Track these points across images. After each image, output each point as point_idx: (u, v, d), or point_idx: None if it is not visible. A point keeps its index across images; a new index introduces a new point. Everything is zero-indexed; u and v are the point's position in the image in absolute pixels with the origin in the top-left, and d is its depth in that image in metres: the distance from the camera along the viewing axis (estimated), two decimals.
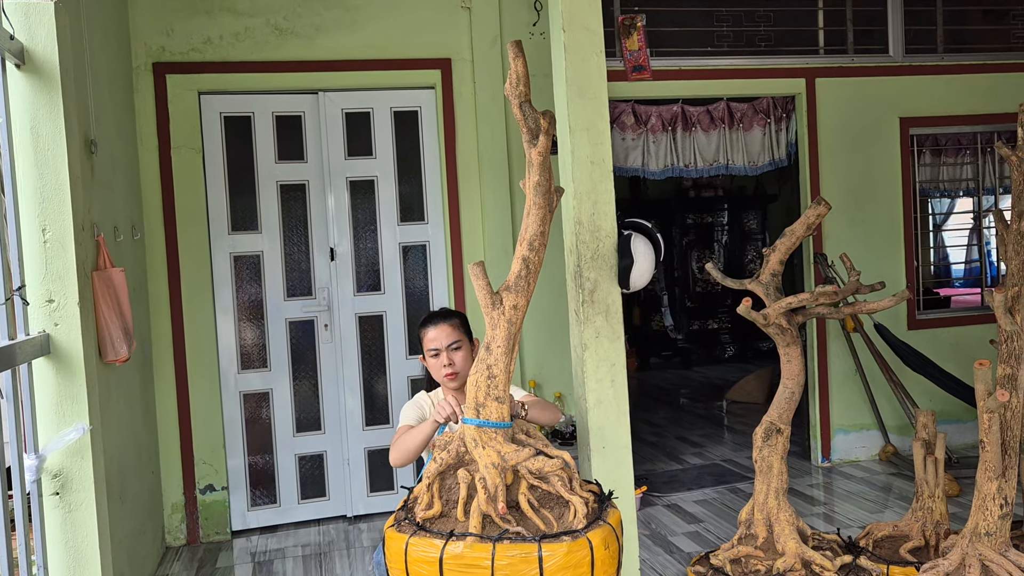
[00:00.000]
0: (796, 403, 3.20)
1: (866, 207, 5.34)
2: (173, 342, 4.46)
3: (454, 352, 2.81)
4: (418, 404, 2.89)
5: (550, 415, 2.72)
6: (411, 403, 2.91)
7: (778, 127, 5.32)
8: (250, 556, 4.29)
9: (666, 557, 3.95)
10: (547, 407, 2.73)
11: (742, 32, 5.20)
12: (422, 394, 2.97)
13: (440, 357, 2.81)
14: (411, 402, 2.92)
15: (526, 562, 2.00)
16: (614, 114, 5.07)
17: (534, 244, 2.25)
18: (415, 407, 2.87)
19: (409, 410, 2.86)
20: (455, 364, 2.79)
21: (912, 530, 3.35)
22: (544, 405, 2.72)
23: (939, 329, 5.50)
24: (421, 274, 4.84)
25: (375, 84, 4.69)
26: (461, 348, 2.82)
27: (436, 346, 2.82)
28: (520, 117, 2.23)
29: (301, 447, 4.70)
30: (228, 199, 4.59)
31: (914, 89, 5.39)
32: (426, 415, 2.84)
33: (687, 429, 6.63)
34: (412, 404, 2.90)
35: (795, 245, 3.20)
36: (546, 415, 2.69)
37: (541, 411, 2.67)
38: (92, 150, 3.24)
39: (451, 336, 2.82)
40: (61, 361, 2.64)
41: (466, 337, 2.87)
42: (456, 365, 2.79)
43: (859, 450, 5.38)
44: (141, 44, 4.39)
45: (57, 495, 2.65)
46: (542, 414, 2.67)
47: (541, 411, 2.67)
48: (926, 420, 3.38)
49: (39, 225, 2.64)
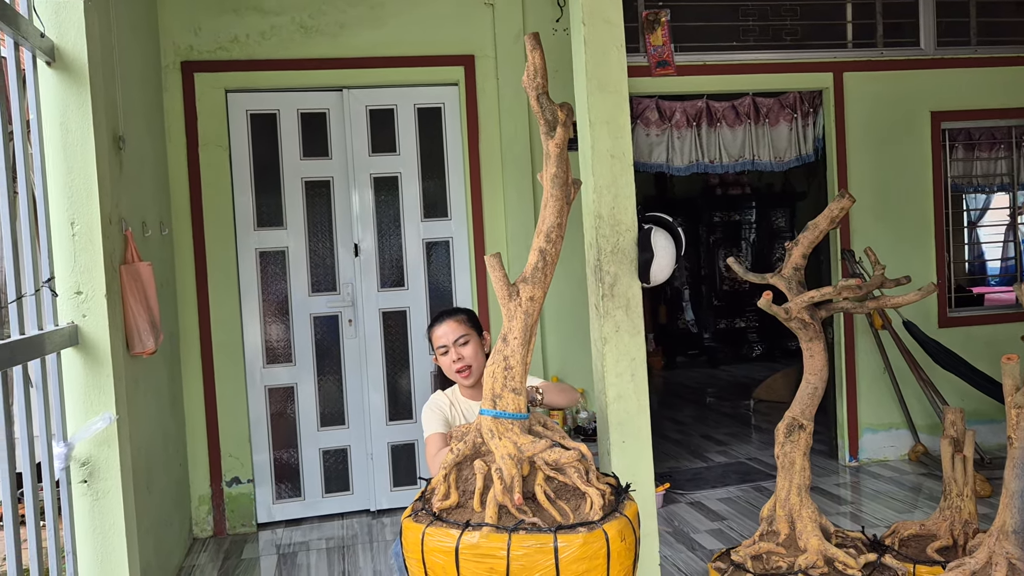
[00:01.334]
0: (819, 399, 3.17)
1: (895, 203, 5.26)
2: (200, 336, 4.53)
3: (462, 347, 2.81)
4: (437, 406, 2.86)
5: (567, 397, 2.71)
6: (430, 406, 2.88)
7: (805, 122, 5.26)
8: (275, 548, 4.34)
9: (688, 554, 3.93)
10: (563, 390, 2.72)
11: (768, 26, 5.15)
12: (438, 394, 2.95)
13: (449, 354, 2.81)
14: (430, 405, 2.89)
15: (542, 553, 2.00)
16: (638, 110, 5.05)
17: (551, 236, 2.26)
18: (435, 410, 2.84)
19: (430, 414, 2.83)
20: (464, 358, 2.79)
21: (940, 529, 3.30)
22: (560, 388, 2.72)
23: (972, 327, 5.40)
24: (444, 270, 4.86)
25: (399, 81, 4.72)
26: (469, 342, 2.82)
27: (444, 343, 2.83)
28: (537, 109, 2.23)
29: (325, 441, 4.75)
30: (254, 195, 4.65)
31: (946, 82, 5.29)
32: (447, 415, 2.83)
33: (712, 427, 6.58)
34: (432, 407, 2.86)
35: (818, 239, 3.16)
36: (563, 398, 2.69)
37: (557, 394, 2.67)
38: (120, 146, 3.30)
39: (457, 331, 2.82)
40: (89, 352, 2.69)
41: (474, 332, 2.86)
42: (466, 359, 2.79)
43: (888, 449, 5.30)
44: (170, 43, 4.47)
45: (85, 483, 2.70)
46: (558, 397, 2.67)
47: (557, 394, 2.67)
48: (954, 417, 3.32)
49: (68, 218, 2.69)
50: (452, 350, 2.81)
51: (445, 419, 2.80)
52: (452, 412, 2.86)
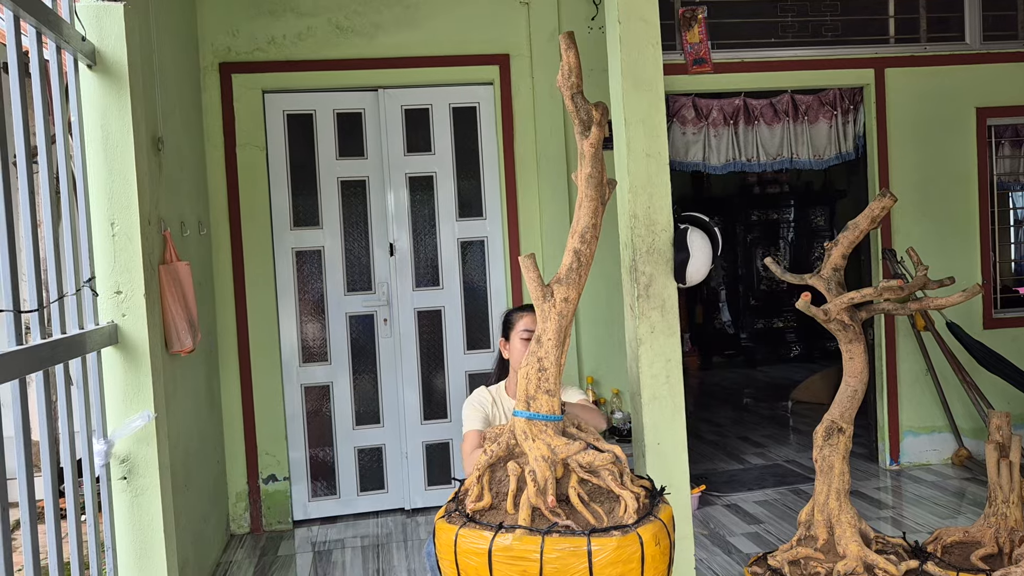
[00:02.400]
0: (859, 402, 3.10)
1: (938, 201, 5.14)
2: (237, 335, 4.58)
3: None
4: (479, 402, 2.86)
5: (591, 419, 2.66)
6: (471, 401, 2.88)
7: (845, 119, 5.16)
8: (311, 545, 4.38)
9: (724, 557, 3.88)
10: (589, 411, 2.69)
11: (807, 22, 5.06)
12: (482, 389, 2.95)
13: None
14: (471, 400, 2.89)
15: (575, 556, 1.98)
16: (674, 108, 5.00)
17: (586, 236, 2.23)
18: (477, 407, 2.84)
19: (471, 411, 2.83)
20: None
21: (984, 536, 3.21)
22: (587, 409, 2.69)
23: (1018, 328, 5.26)
24: (479, 269, 4.86)
25: (434, 81, 4.73)
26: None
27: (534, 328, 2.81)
28: (572, 108, 2.21)
29: (360, 440, 4.78)
30: (290, 195, 4.69)
31: (992, 77, 5.16)
32: (488, 413, 2.83)
33: (750, 429, 6.50)
34: (473, 403, 2.87)
35: (858, 239, 3.09)
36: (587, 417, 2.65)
37: (581, 411, 2.64)
38: (159, 147, 3.35)
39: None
40: (128, 350, 2.73)
41: None
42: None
43: (930, 453, 5.18)
44: (208, 45, 4.52)
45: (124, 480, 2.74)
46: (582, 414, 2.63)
47: (581, 411, 2.64)
48: (1000, 421, 3.23)
49: (108, 219, 2.73)
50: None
51: (485, 416, 2.80)
52: (494, 410, 2.86)
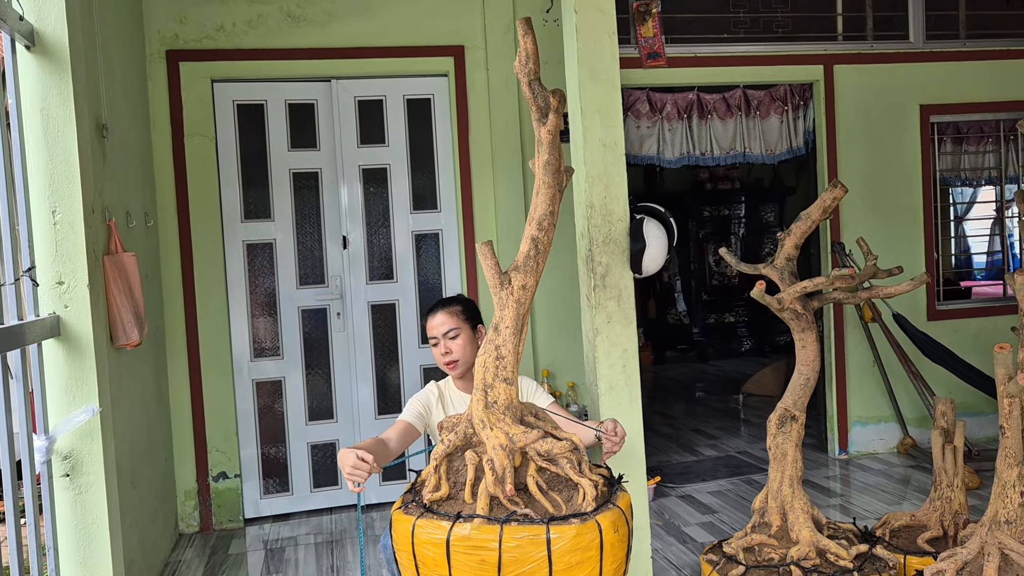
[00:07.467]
0: (811, 390, 3.15)
1: (885, 196, 5.26)
2: (186, 329, 4.47)
3: (451, 340, 2.77)
4: (423, 397, 2.85)
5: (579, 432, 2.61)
6: (418, 394, 2.86)
7: (796, 115, 5.25)
8: (262, 543, 4.30)
9: (679, 547, 3.91)
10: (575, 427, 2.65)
11: (759, 18, 5.13)
12: (431, 384, 2.93)
13: (439, 346, 2.78)
14: (417, 394, 2.87)
15: (534, 544, 1.97)
16: (629, 101, 5.02)
17: (543, 224, 2.22)
18: (417, 401, 2.82)
19: (411, 404, 2.81)
20: (452, 352, 2.76)
21: (930, 520, 3.29)
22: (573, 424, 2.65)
23: (960, 320, 5.41)
24: (434, 262, 4.82)
25: (388, 72, 4.67)
26: (459, 336, 2.77)
27: (434, 335, 2.80)
28: (529, 95, 2.20)
29: (314, 436, 4.70)
30: (241, 187, 4.59)
31: (935, 76, 5.30)
32: (430, 406, 2.81)
33: (702, 421, 6.57)
34: (418, 397, 2.84)
35: (810, 229, 3.15)
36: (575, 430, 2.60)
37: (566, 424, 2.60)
38: (103, 134, 3.24)
39: (446, 324, 2.78)
40: (71, 343, 2.64)
41: (467, 324, 2.82)
42: (453, 353, 2.76)
43: (877, 442, 5.31)
44: (154, 31, 4.40)
45: (67, 477, 2.65)
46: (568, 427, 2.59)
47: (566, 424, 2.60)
48: (945, 408, 3.32)
49: (49, 207, 2.64)
50: (442, 343, 2.78)
51: (422, 411, 2.78)
52: (439, 404, 2.83)
